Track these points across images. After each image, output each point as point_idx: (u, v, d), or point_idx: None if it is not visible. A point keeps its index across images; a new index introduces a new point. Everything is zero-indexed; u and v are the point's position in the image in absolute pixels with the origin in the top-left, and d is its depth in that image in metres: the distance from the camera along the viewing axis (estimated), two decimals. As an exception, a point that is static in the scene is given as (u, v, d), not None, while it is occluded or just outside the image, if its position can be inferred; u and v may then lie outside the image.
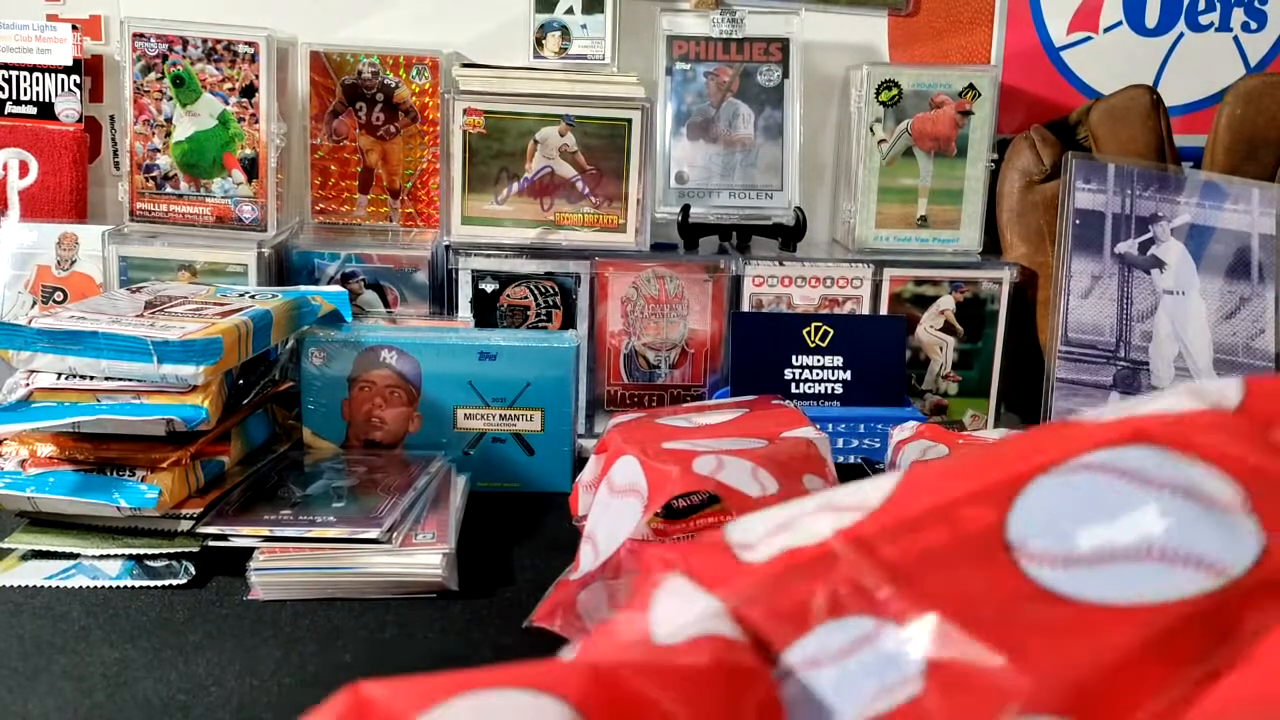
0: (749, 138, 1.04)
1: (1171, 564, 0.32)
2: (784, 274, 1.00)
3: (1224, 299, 0.99)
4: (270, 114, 0.97)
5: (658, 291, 1.01)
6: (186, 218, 0.99)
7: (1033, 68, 1.09)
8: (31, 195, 0.99)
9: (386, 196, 1.03)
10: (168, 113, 0.97)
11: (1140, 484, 0.34)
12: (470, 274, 0.99)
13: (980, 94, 1.02)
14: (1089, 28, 1.09)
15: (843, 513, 0.37)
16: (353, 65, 1.01)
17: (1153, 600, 0.31)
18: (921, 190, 1.04)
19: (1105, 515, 0.34)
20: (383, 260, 0.99)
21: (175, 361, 0.71)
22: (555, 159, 0.98)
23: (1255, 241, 0.99)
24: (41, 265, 0.97)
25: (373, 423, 0.87)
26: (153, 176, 0.98)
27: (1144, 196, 0.99)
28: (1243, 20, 1.10)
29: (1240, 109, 1.01)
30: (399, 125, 1.02)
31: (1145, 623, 0.30)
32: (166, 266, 0.97)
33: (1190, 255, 0.99)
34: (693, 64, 1.03)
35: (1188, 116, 1.10)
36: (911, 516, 0.36)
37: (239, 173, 0.98)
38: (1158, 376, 0.99)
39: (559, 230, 0.99)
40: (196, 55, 0.97)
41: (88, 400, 0.72)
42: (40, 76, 1.01)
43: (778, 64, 1.04)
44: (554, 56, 1.01)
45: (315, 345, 0.86)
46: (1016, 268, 1.03)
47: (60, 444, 0.72)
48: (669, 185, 1.03)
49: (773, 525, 0.39)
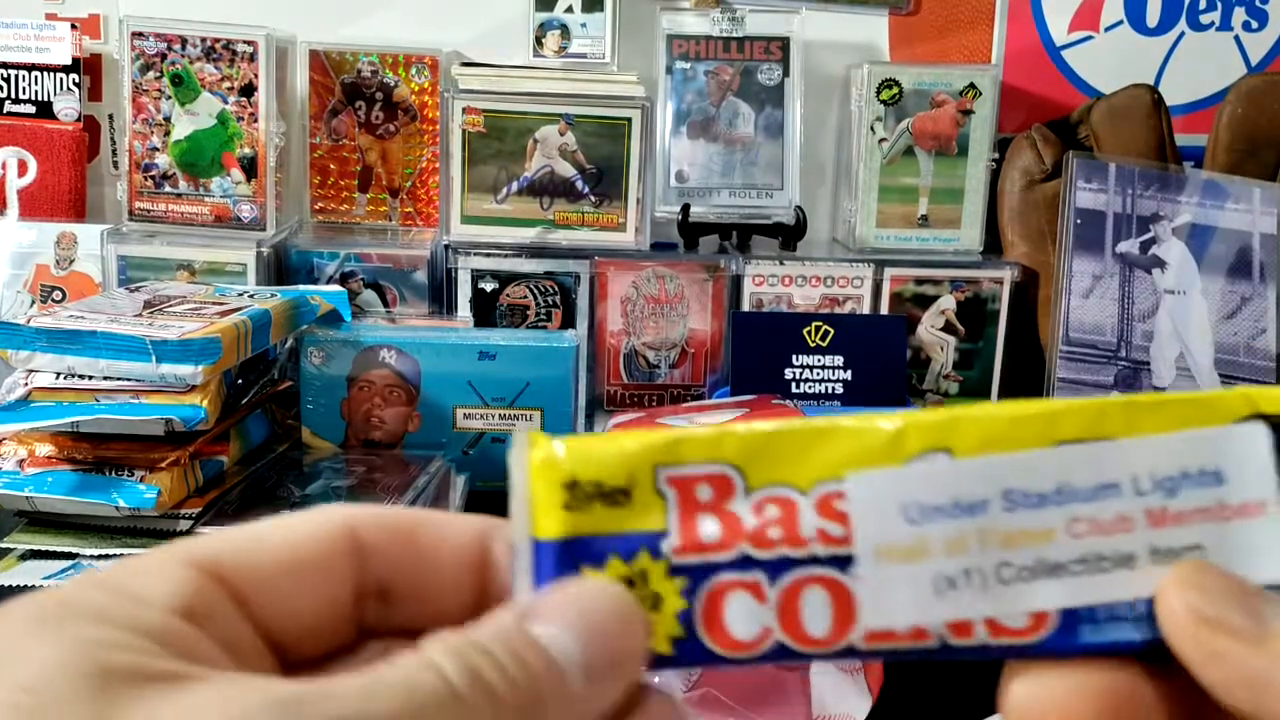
0: (749, 137, 1.04)
1: None
2: (784, 273, 1.00)
3: (1225, 298, 0.99)
4: (269, 113, 0.97)
5: (658, 291, 1.01)
6: (185, 217, 0.98)
7: (1033, 67, 1.09)
8: (30, 194, 0.99)
9: (386, 195, 1.03)
10: (166, 112, 0.97)
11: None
12: (470, 273, 0.99)
13: (981, 93, 1.02)
14: (1090, 27, 1.09)
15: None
16: (352, 64, 1.01)
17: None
18: (922, 189, 1.03)
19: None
20: (382, 259, 0.99)
21: (174, 361, 0.71)
22: (555, 158, 0.98)
23: (1256, 241, 0.99)
24: (40, 264, 0.97)
25: (372, 422, 0.86)
26: (151, 176, 0.98)
27: (1145, 196, 0.99)
28: (1244, 20, 1.09)
29: (1241, 108, 1.01)
30: (398, 124, 1.02)
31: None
32: (165, 266, 0.97)
33: (1191, 255, 0.99)
34: (693, 63, 1.03)
35: (1189, 116, 1.10)
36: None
37: (238, 172, 0.98)
38: (1159, 376, 0.99)
39: (558, 229, 0.99)
40: (195, 54, 0.96)
41: (86, 400, 0.72)
42: (39, 75, 1.01)
43: (778, 63, 1.04)
44: (554, 55, 1.01)
45: (314, 345, 0.86)
46: (1018, 267, 1.03)
47: (59, 444, 0.72)
48: (669, 184, 1.03)
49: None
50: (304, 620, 0.22)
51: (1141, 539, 0.21)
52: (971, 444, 0.22)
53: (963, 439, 0.22)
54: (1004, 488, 0.22)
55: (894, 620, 0.21)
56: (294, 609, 0.21)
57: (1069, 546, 0.21)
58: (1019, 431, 0.22)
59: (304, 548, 0.22)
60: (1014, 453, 0.22)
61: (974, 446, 0.22)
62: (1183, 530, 0.21)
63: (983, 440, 0.22)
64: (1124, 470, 0.22)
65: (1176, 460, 0.22)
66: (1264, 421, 0.22)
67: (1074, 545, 0.21)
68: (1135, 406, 0.22)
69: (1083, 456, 0.22)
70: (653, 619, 0.22)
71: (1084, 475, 0.22)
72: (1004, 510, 0.21)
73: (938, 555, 0.21)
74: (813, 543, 0.22)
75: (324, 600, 0.22)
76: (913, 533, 0.21)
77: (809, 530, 0.22)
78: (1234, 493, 0.22)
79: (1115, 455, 0.22)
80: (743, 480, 0.22)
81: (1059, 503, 0.22)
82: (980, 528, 0.21)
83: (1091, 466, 0.22)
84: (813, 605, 0.22)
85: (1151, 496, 0.22)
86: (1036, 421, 0.22)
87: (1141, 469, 0.22)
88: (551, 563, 0.22)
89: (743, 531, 0.22)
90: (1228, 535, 0.21)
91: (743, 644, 0.22)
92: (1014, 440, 0.22)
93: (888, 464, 0.22)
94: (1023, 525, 0.21)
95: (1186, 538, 0.21)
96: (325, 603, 0.22)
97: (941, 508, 0.22)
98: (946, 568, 0.21)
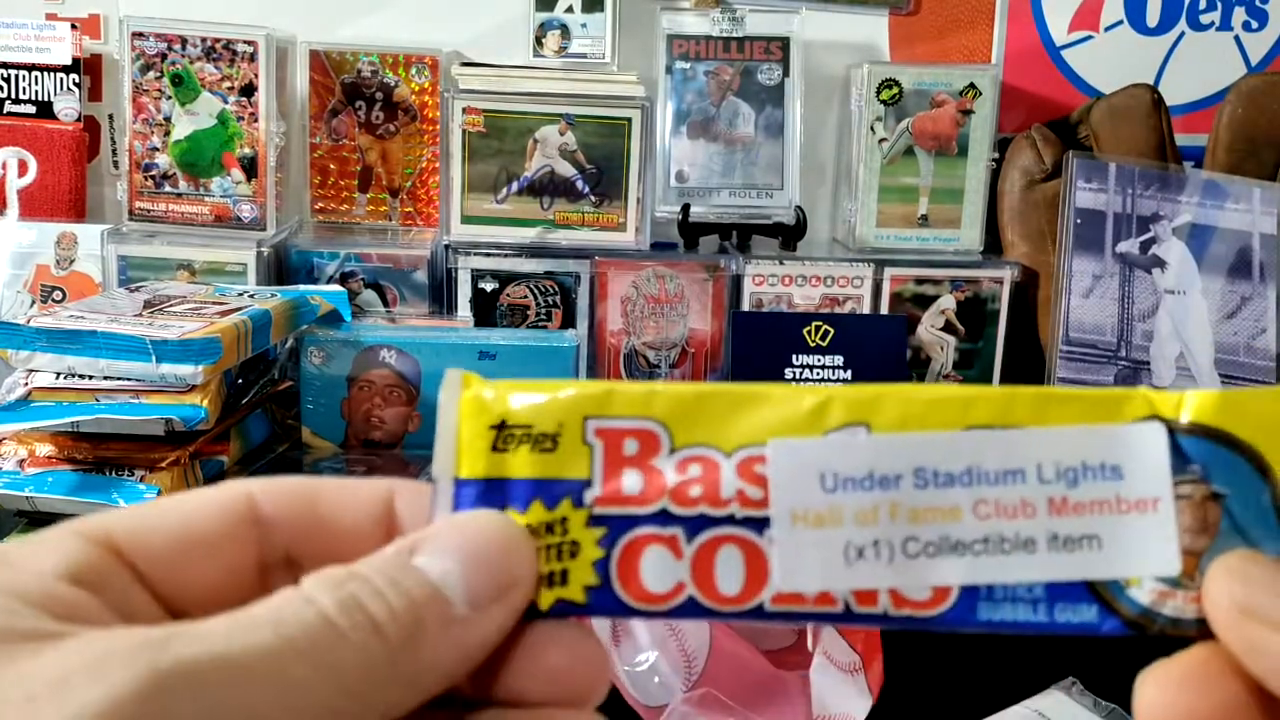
0: (749, 137, 1.04)
1: None
2: (784, 273, 1.00)
3: (1225, 298, 0.99)
4: (269, 113, 0.97)
5: (658, 291, 1.01)
6: (185, 217, 0.98)
7: (1033, 67, 1.09)
8: (30, 194, 0.99)
9: (386, 195, 1.03)
10: (166, 112, 0.97)
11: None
12: (470, 273, 0.99)
13: (981, 93, 1.02)
14: (1090, 26, 1.09)
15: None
16: (352, 64, 1.01)
17: None
18: (922, 189, 1.03)
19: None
20: (382, 259, 0.99)
21: (174, 361, 0.71)
22: (555, 158, 0.98)
23: (1256, 241, 0.99)
24: (40, 264, 0.97)
25: (372, 422, 0.86)
26: (151, 176, 0.98)
27: (1145, 196, 0.99)
28: (1244, 20, 1.09)
29: (1241, 108, 1.01)
30: (398, 124, 1.02)
31: None
32: (165, 266, 0.97)
33: (1191, 255, 0.99)
34: (693, 63, 1.03)
35: (1189, 115, 1.10)
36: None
37: (238, 172, 0.98)
38: (1159, 376, 0.99)
39: (559, 229, 0.99)
40: (195, 54, 0.96)
41: (86, 400, 0.72)
42: (39, 75, 1.01)
43: (778, 63, 1.04)
44: (554, 55, 1.01)
45: (314, 345, 0.86)
46: (1018, 267, 1.02)
47: (59, 444, 0.72)
48: (669, 184, 1.03)
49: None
50: (204, 590, 0.22)
51: (1042, 525, 0.22)
52: (890, 421, 0.22)
53: (883, 416, 0.22)
54: (917, 465, 0.22)
55: (803, 584, 0.22)
56: (191, 578, 0.21)
57: (974, 526, 0.22)
58: (936, 413, 0.22)
59: (198, 519, 0.22)
60: (929, 433, 0.22)
61: (892, 424, 0.22)
62: (1081, 520, 0.22)
63: (901, 418, 0.22)
64: (1030, 458, 0.22)
65: (1079, 453, 0.22)
66: (1161, 423, 0.22)
67: (978, 526, 0.22)
68: (1045, 398, 0.23)
69: (992, 442, 0.22)
70: (569, 566, 0.22)
71: (992, 459, 0.22)
72: (915, 487, 0.22)
73: (849, 525, 0.22)
74: (731, 503, 0.22)
75: (223, 570, 0.22)
76: (828, 501, 0.22)
77: (729, 491, 0.22)
78: (1131, 488, 0.22)
79: (1022, 443, 0.22)
80: (669, 438, 0.23)
81: (967, 484, 0.22)
82: (892, 502, 0.22)
83: (1000, 452, 0.22)
84: (727, 564, 0.22)
85: (1054, 485, 0.22)
86: (952, 405, 0.23)
87: (1047, 458, 0.22)
88: (472, 503, 0.22)
89: (664, 488, 0.22)
90: (1122, 528, 0.22)
91: (655, 596, 0.22)
92: (930, 421, 0.22)
93: (809, 433, 0.22)
94: (931, 502, 0.22)
95: (1084, 527, 0.22)
96: (225, 572, 0.22)
97: (857, 479, 0.22)
98: (857, 537, 0.22)
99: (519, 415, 0.23)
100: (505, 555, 0.21)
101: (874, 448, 0.22)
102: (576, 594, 0.22)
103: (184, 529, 0.22)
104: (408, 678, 0.19)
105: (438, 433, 0.23)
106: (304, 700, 0.18)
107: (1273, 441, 0.22)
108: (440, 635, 0.20)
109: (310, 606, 0.19)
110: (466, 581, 0.20)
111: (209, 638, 0.18)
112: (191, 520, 0.22)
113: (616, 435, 0.23)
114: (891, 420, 0.22)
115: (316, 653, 0.18)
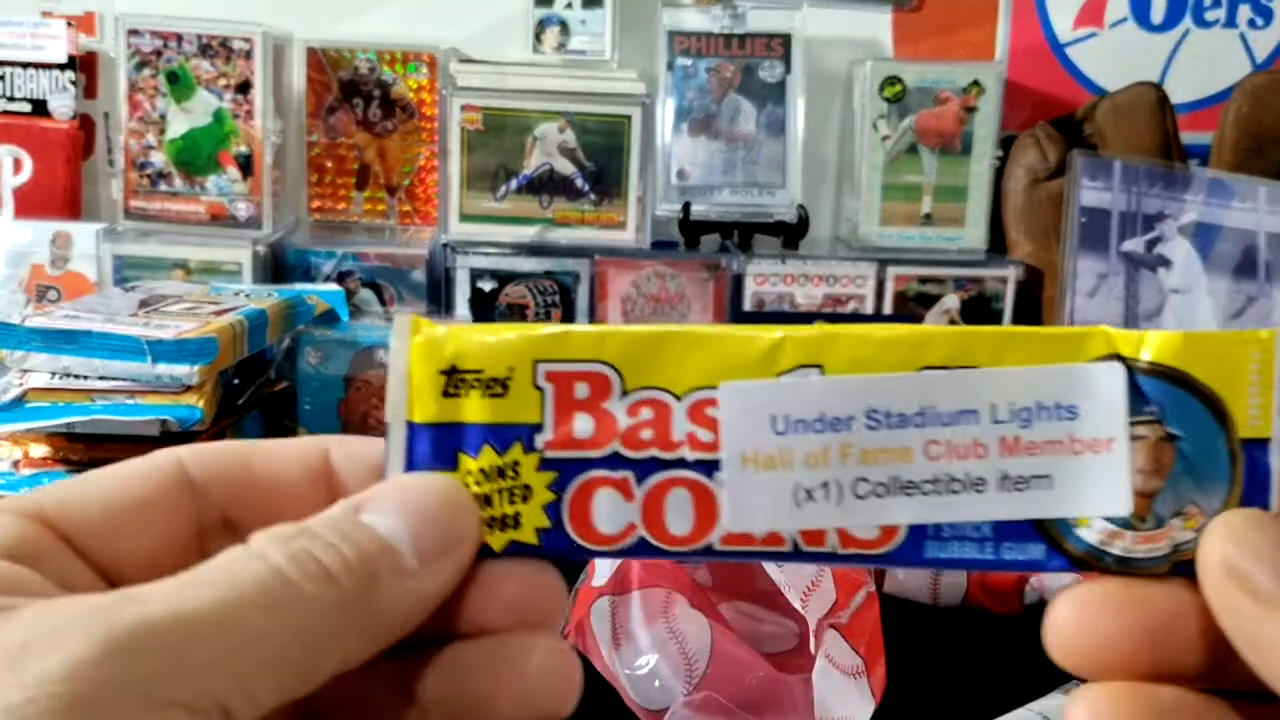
0: (751, 134, 1.03)
1: None
2: (786, 272, 0.99)
3: (1231, 298, 0.98)
4: (266, 111, 0.96)
5: (658, 290, 1.00)
6: (181, 215, 0.98)
7: (1038, 64, 1.08)
8: (25, 193, 0.99)
9: (383, 194, 1.02)
10: (162, 109, 0.97)
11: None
12: (468, 272, 0.98)
13: (985, 90, 1.01)
14: (1094, 23, 1.08)
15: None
16: (349, 61, 1.00)
17: None
18: (926, 187, 1.03)
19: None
20: (380, 258, 0.98)
21: (170, 361, 0.70)
22: (554, 156, 0.97)
23: (1262, 240, 0.98)
24: (35, 264, 0.96)
25: (370, 423, 0.86)
26: (147, 174, 0.97)
27: (1150, 194, 0.98)
28: (1249, 17, 1.09)
29: (1247, 106, 1.00)
30: (396, 122, 1.01)
31: None
32: (161, 265, 0.96)
33: (1197, 254, 0.98)
34: (694, 59, 1.02)
35: (1194, 113, 1.09)
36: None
37: (234, 170, 0.97)
38: (1164, 376, 0.98)
39: (558, 228, 0.98)
40: (191, 51, 0.96)
41: (82, 400, 0.71)
42: (34, 73, 1.00)
43: (780, 59, 1.03)
44: (553, 52, 1.00)
45: (311, 344, 0.85)
46: (1022, 266, 1.02)
47: (54, 444, 0.71)
48: (670, 182, 1.03)
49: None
50: (142, 557, 0.22)
51: (993, 465, 0.22)
52: (843, 362, 0.22)
53: (835, 357, 0.22)
54: (869, 406, 0.22)
55: (752, 525, 0.22)
56: (127, 547, 0.22)
57: (924, 467, 0.22)
58: (890, 353, 0.22)
59: (129, 489, 0.22)
60: (882, 374, 0.22)
61: (845, 365, 0.22)
62: (1033, 460, 0.22)
63: (853, 360, 0.22)
64: (983, 398, 0.22)
65: (1035, 392, 0.22)
66: (1120, 362, 0.22)
67: (929, 466, 0.22)
68: (1001, 337, 0.23)
69: (946, 382, 0.22)
70: (521, 510, 0.22)
71: (945, 400, 0.22)
72: (867, 428, 0.22)
73: (800, 467, 0.22)
74: (682, 446, 0.22)
75: (159, 536, 0.22)
76: (778, 443, 0.22)
77: (680, 434, 0.22)
78: (1085, 428, 0.22)
79: (977, 383, 0.22)
80: (620, 381, 0.23)
81: (920, 425, 0.22)
82: (843, 443, 0.22)
83: (953, 392, 0.22)
84: (677, 506, 0.22)
85: (1008, 425, 0.22)
86: (907, 345, 0.22)
87: (1000, 398, 0.22)
88: (426, 447, 0.23)
89: (615, 431, 0.23)
90: (1075, 468, 0.22)
91: (606, 538, 0.22)
92: (884, 362, 0.22)
93: (761, 375, 0.22)
94: (883, 444, 0.22)
95: (1036, 467, 0.22)
96: (161, 539, 0.22)
97: (808, 421, 0.22)
98: (807, 479, 0.22)
99: (469, 360, 0.23)
100: (449, 512, 0.22)
101: (826, 389, 0.22)
102: (529, 536, 0.22)
103: (114, 498, 0.22)
104: (364, 626, 0.20)
105: (389, 378, 0.23)
106: (263, 652, 0.18)
107: (1232, 385, 0.22)
108: (394, 586, 0.20)
109: (261, 561, 0.19)
110: (414, 537, 0.21)
111: (162, 597, 0.18)
112: (122, 489, 0.22)
113: (567, 379, 0.23)
114: (845, 362, 0.22)
115: (272, 604, 0.18)
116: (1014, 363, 0.22)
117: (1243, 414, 0.22)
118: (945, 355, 0.22)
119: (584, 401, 0.23)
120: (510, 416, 0.23)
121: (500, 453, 0.23)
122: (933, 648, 0.62)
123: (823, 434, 0.22)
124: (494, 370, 0.23)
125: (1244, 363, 0.22)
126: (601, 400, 0.23)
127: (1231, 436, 0.22)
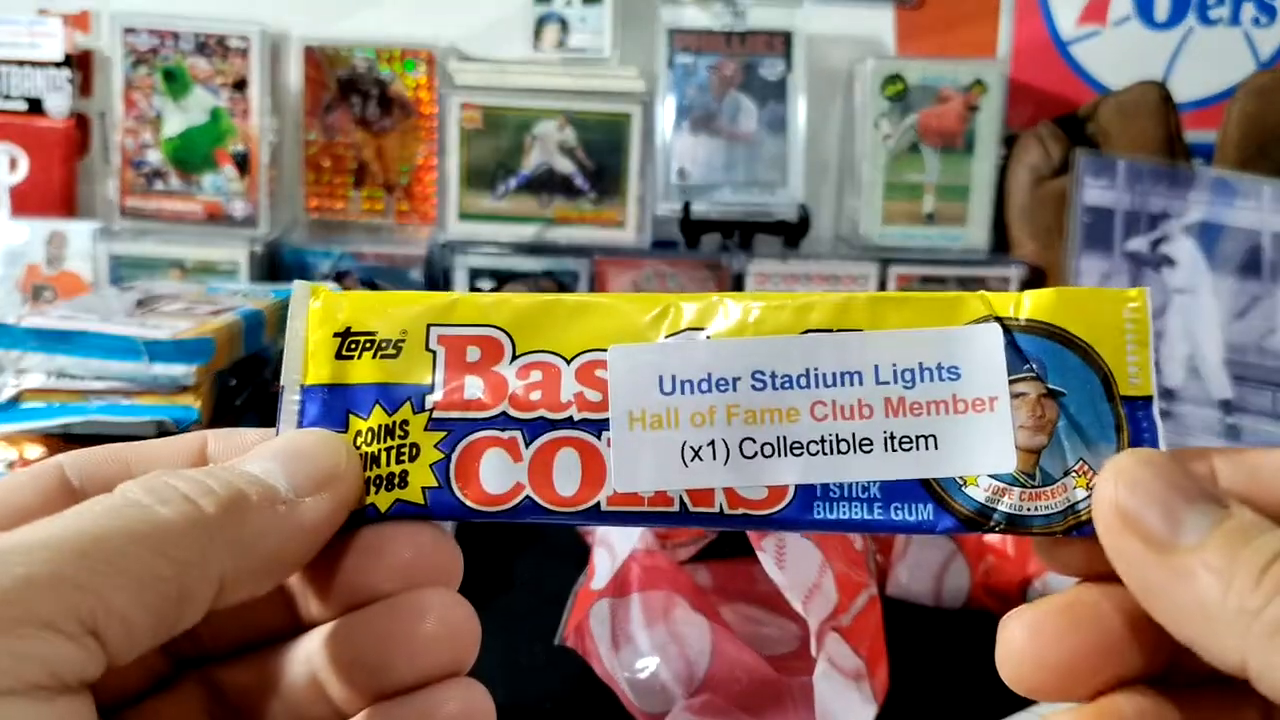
0: (752, 132, 1.02)
1: None
2: (788, 271, 0.99)
3: (1235, 297, 0.98)
4: (263, 109, 0.96)
5: (658, 289, 0.99)
6: (177, 214, 0.97)
7: (1041, 62, 1.08)
8: (20, 192, 0.98)
9: (381, 192, 1.02)
10: (158, 108, 0.96)
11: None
12: (467, 271, 0.98)
13: (988, 88, 1.01)
14: (1098, 21, 1.08)
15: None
16: (347, 59, 0.99)
17: None
18: (928, 186, 1.02)
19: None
20: (377, 258, 0.98)
21: (166, 361, 0.69)
22: (554, 154, 0.97)
23: (1267, 239, 0.98)
24: (31, 263, 0.96)
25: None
26: (143, 173, 0.97)
27: (1154, 193, 0.97)
28: (1253, 15, 1.08)
29: (1251, 105, 0.99)
30: (394, 120, 1.00)
31: None
32: (157, 264, 0.96)
33: (1201, 253, 0.98)
34: (694, 57, 1.02)
35: (1198, 112, 1.09)
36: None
37: (231, 168, 0.97)
38: (1168, 375, 0.98)
39: (557, 227, 0.98)
40: (188, 49, 0.95)
41: (77, 401, 0.71)
42: (30, 71, 1.00)
43: (781, 57, 1.02)
44: (552, 50, 1.00)
45: (309, 344, 0.84)
46: (1025, 265, 1.01)
47: (50, 445, 0.70)
48: (670, 181, 1.02)
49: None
50: None
51: (879, 425, 0.22)
52: (729, 326, 0.23)
53: (721, 321, 0.23)
54: (754, 368, 0.23)
55: (638, 484, 0.22)
56: None
57: (811, 427, 0.22)
58: (773, 317, 0.23)
59: (10, 499, 0.23)
60: (767, 336, 0.23)
61: (731, 328, 0.23)
62: (919, 420, 0.23)
63: (739, 324, 0.23)
64: (867, 360, 0.23)
65: (917, 354, 0.23)
66: (998, 323, 0.23)
67: (816, 426, 0.22)
68: (880, 301, 0.23)
69: (829, 344, 0.23)
70: (409, 469, 0.23)
71: (829, 362, 0.23)
72: (753, 389, 0.23)
73: (686, 426, 0.23)
74: (570, 406, 0.23)
75: None
76: (665, 403, 0.23)
77: (568, 394, 0.23)
78: (967, 388, 0.22)
79: (860, 345, 0.23)
80: (512, 345, 0.23)
81: (805, 386, 0.23)
82: (729, 403, 0.23)
83: (837, 354, 0.23)
84: (564, 466, 0.23)
85: (892, 386, 0.23)
86: (790, 309, 0.23)
87: (884, 360, 0.23)
88: (317, 408, 0.23)
89: (505, 392, 0.23)
90: (959, 427, 0.22)
91: (493, 497, 0.23)
92: (768, 325, 0.23)
93: (649, 338, 0.23)
94: (769, 404, 0.23)
95: (921, 427, 0.22)
96: None
97: (694, 382, 0.23)
98: (694, 439, 0.22)
99: (363, 323, 0.23)
100: (324, 449, 0.22)
101: (712, 351, 0.23)
102: (415, 495, 0.23)
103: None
104: (235, 545, 0.20)
105: (285, 343, 0.24)
106: (124, 569, 0.18)
107: (1108, 340, 0.22)
108: (268, 513, 0.21)
109: (119, 495, 0.20)
110: (287, 473, 0.21)
111: (18, 534, 0.18)
112: (3, 500, 0.23)
113: (459, 342, 0.23)
114: (730, 325, 0.23)
115: (129, 526, 0.19)
116: (894, 326, 0.23)
117: (1122, 371, 0.22)
118: (827, 318, 0.23)
119: (475, 364, 0.23)
120: (401, 377, 0.23)
121: (390, 412, 0.23)
122: (935, 650, 0.62)
123: (709, 394, 0.23)
124: (387, 333, 0.23)
125: (1118, 319, 0.22)
126: (493, 364, 0.23)
127: (1113, 392, 0.22)
